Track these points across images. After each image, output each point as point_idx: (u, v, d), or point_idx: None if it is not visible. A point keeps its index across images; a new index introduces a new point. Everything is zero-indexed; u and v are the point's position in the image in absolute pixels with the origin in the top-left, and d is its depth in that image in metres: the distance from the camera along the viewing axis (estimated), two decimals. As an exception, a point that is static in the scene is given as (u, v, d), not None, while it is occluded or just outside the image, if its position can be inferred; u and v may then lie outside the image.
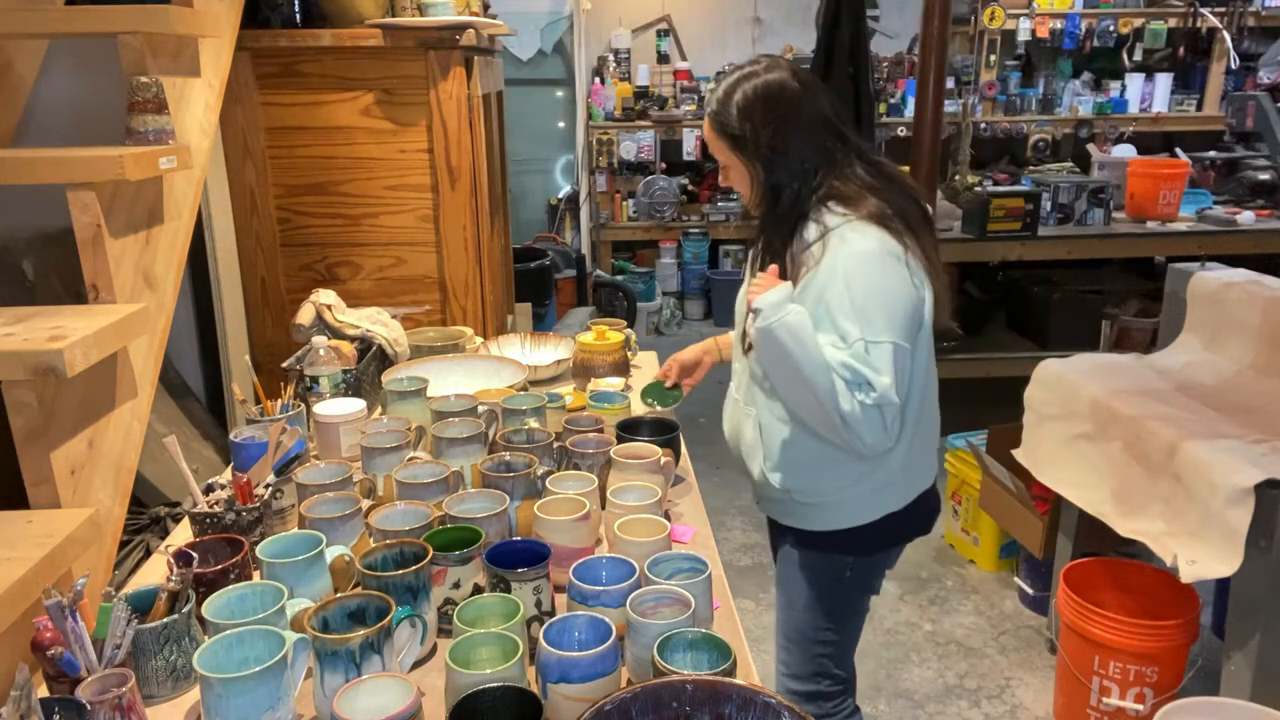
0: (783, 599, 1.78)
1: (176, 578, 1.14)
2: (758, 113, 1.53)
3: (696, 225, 6.25)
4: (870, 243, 1.48)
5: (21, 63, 1.94)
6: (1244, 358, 2.44)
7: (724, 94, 1.56)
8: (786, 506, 1.68)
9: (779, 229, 1.57)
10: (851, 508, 1.63)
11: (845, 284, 1.46)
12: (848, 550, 1.67)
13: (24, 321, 1.39)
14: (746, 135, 1.54)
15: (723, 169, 1.64)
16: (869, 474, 1.59)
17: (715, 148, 1.60)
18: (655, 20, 6.43)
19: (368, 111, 2.45)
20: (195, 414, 2.44)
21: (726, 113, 1.55)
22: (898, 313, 1.47)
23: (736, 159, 1.57)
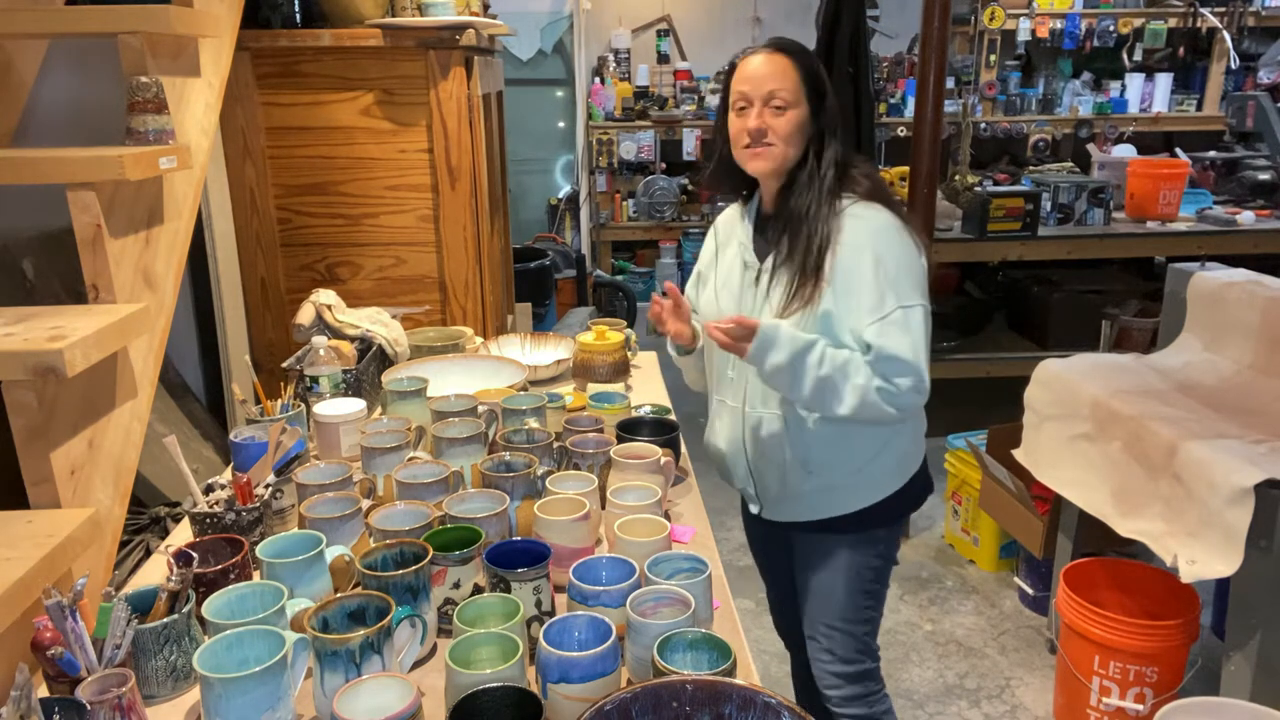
0: (819, 590, 1.77)
1: (176, 578, 1.14)
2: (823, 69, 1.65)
3: (696, 225, 6.25)
4: (885, 216, 1.59)
5: (21, 63, 1.94)
6: (1244, 358, 2.44)
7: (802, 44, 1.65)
8: (818, 498, 1.69)
9: (808, 191, 1.60)
10: (883, 479, 1.68)
11: (875, 257, 1.54)
12: (882, 523, 1.72)
13: (24, 321, 1.39)
14: (820, 77, 1.61)
15: (765, 119, 1.58)
16: (893, 437, 1.67)
17: (786, 81, 1.57)
18: (655, 20, 6.43)
19: (368, 111, 2.45)
20: (195, 414, 2.44)
21: (809, 54, 1.63)
22: (919, 278, 1.59)
23: (804, 99, 1.59)
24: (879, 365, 1.53)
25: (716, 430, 1.78)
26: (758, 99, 1.58)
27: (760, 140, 1.58)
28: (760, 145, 1.59)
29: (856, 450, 1.65)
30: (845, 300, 1.55)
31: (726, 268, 1.75)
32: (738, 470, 1.75)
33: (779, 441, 1.66)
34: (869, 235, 1.56)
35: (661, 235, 6.32)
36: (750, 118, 1.59)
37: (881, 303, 1.53)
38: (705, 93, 6.26)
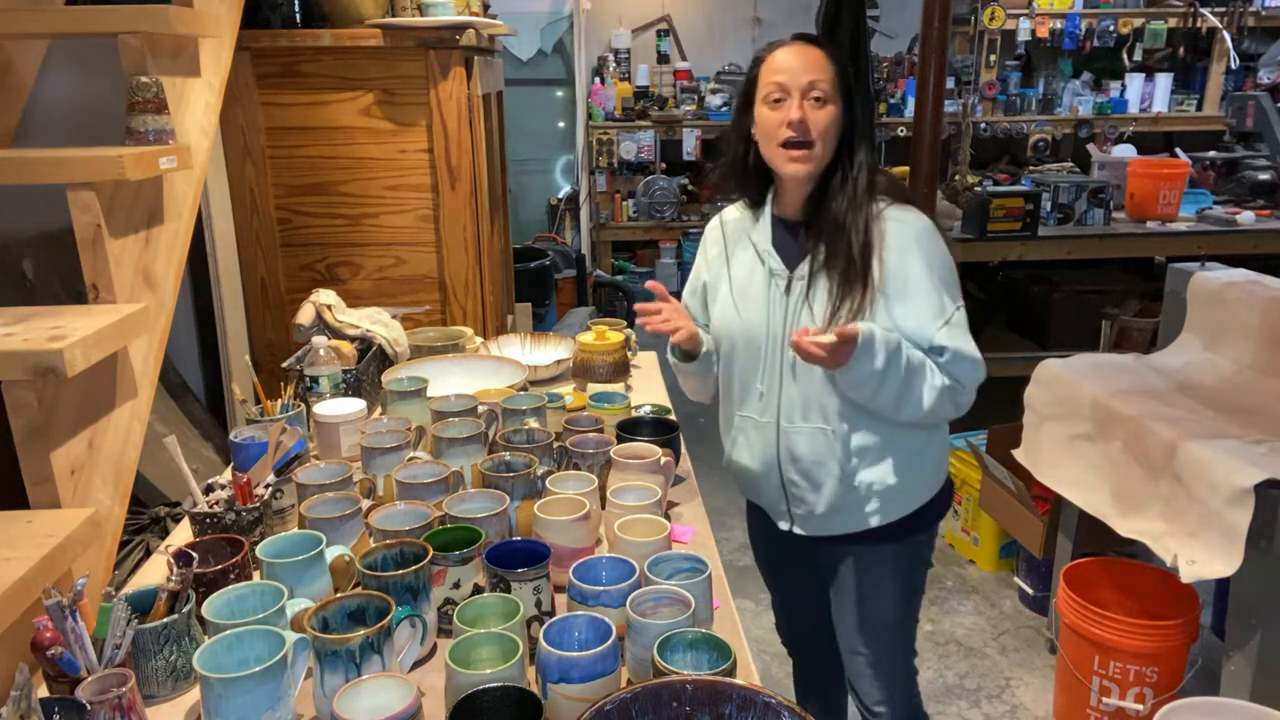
0: (862, 602, 1.71)
1: (176, 578, 1.14)
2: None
3: (696, 225, 6.24)
4: (922, 218, 1.57)
5: (21, 63, 1.94)
6: (1244, 358, 2.44)
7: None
8: (863, 510, 1.62)
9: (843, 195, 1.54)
10: (924, 482, 1.66)
11: (925, 260, 1.53)
12: (923, 527, 1.69)
13: (24, 321, 1.39)
14: (849, 74, 1.56)
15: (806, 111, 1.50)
16: (931, 439, 1.65)
17: (824, 73, 1.51)
18: (655, 20, 6.43)
19: (368, 111, 2.45)
20: (195, 414, 2.44)
21: (838, 50, 1.58)
22: (957, 279, 1.60)
23: (838, 95, 1.53)
24: (952, 366, 1.51)
25: (741, 447, 1.69)
26: (796, 89, 1.50)
27: (804, 136, 1.50)
28: (801, 147, 1.51)
29: (901, 457, 1.60)
30: (900, 305, 1.51)
31: (743, 276, 1.65)
32: (768, 488, 1.68)
33: (822, 456, 1.59)
34: (912, 239, 1.53)
35: (661, 235, 6.32)
36: (790, 109, 1.50)
37: (943, 306, 1.52)
38: (705, 93, 6.26)
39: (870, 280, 1.51)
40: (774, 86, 1.52)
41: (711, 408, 1.79)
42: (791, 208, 1.62)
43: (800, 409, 1.59)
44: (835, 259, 1.53)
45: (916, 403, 1.50)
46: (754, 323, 1.62)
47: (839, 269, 1.52)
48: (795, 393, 1.59)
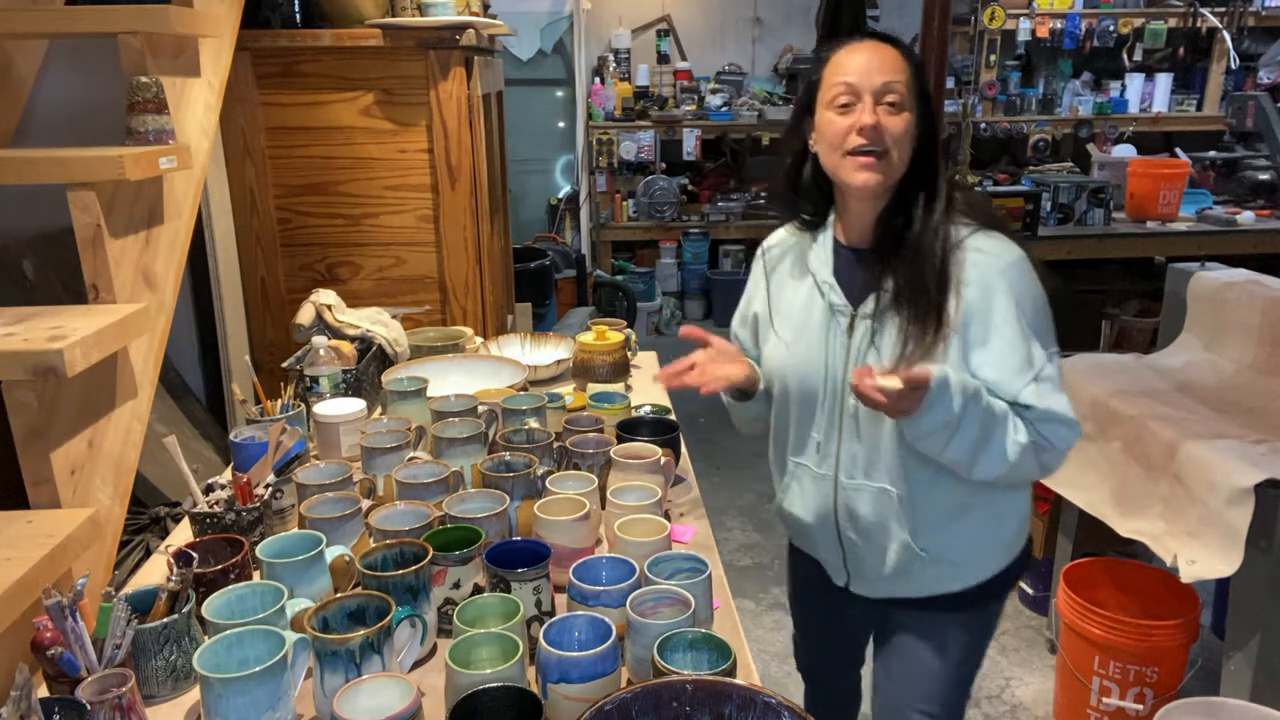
0: (918, 670, 1.53)
1: (176, 578, 1.14)
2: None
3: (696, 225, 6.25)
4: (1012, 249, 1.37)
5: (21, 63, 1.94)
6: (1244, 358, 2.44)
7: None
8: (931, 576, 1.46)
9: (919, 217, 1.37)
10: (1001, 550, 1.49)
11: (1013, 301, 1.33)
12: (996, 595, 1.52)
13: (24, 321, 1.39)
14: (925, 79, 1.40)
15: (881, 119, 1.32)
16: (1013, 503, 1.48)
17: (900, 75, 1.34)
18: (655, 20, 6.43)
19: (368, 111, 2.45)
20: (195, 414, 2.44)
21: (919, 61, 1.41)
22: (1051, 320, 1.42)
23: (914, 102, 1.35)
24: (1042, 427, 1.34)
25: (794, 496, 1.53)
26: (868, 92, 1.32)
27: (876, 143, 1.31)
28: (870, 154, 1.32)
29: (976, 523, 1.43)
30: (980, 352, 1.33)
31: (798, 310, 1.47)
32: (823, 541, 1.52)
33: (886, 518, 1.42)
34: (999, 273, 1.33)
35: (661, 235, 6.32)
36: (862, 113, 1.31)
37: (1031, 357, 1.34)
38: (705, 93, 6.26)
39: (945, 321, 1.32)
40: (841, 88, 1.34)
41: (711, 408, 1.77)
42: (857, 232, 1.43)
43: (862, 465, 1.42)
44: (907, 294, 1.34)
45: (996, 459, 1.32)
46: (810, 364, 1.44)
47: (910, 306, 1.34)
48: (857, 446, 1.41)
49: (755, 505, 3.66)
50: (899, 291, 1.35)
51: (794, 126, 1.45)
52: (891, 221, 1.38)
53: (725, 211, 6.19)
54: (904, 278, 1.35)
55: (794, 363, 1.46)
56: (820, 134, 1.38)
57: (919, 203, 1.37)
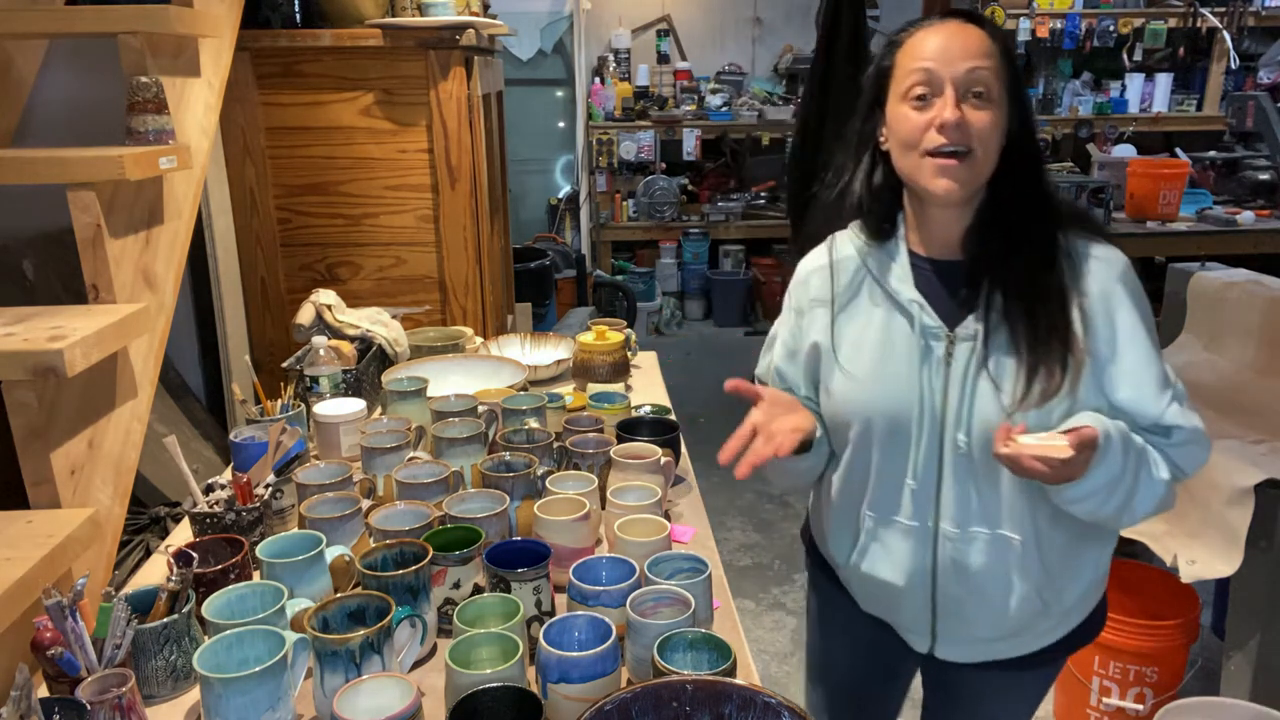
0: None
1: (176, 578, 1.14)
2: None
3: (696, 225, 6.25)
4: (1122, 255, 1.23)
5: (21, 63, 1.94)
6: (1244, 358, 2.44)
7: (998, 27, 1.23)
8: (1039, 629, 1.29)
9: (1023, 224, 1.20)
10: (1100, 589, 1.34)
11: (1138, 311, 1.19)
12: (1082, 642, 1.35)
13: (24, 321, 1.39)
14: (1018, 64, 1.21)
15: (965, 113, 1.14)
16: (1114, 536, 1.32)
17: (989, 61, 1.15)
18: (655, 20, 6.43)
19: (368, 111, 2.45)
20: (195, 414, 2.44)
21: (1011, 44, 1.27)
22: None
23: (1005, 92, 1.17)
24: (1180, 452, 1.19)
25: (875, 557, 1.30)
26: (950, 81, 1.14)
27: (960, 141, 1.13)
28: (953, 155, 1.14)
29: (1090, 559, 1.27)
30: (1112, 372, 1.18)
31: (875, 336, 1.25)
32: (910, 605, 1.30)
33: (1005, 569, 1.22)
34: (1117, 280, 1.19)
35: (661, 235, 6.32)
36: (943, 107, 1.13)
37: (1165, 372, 1.20)
38: (705, 93, 6.26)
39: (1072, 340, 1.15)
40: (918, 77, 1.15)
41: (711, 408, 1.77)
42: (939, 242, 1.24)
43: (977, 511, 1.22)
44: (1021, 311, 1.17)
45: (1142, 506, 1.16)
46: (899, 401, 1.23)
47: (1025, 325, 1.16)
48: (968, 490, 1.22)
49: (755, 505, 3.66)
50: (1010, 308, 1.17)
51: (861, 123, 1.26)
52: (988, 229, 1.21)
53: (725, 211, 6.19)
54: (1015, 292, 1.17)
55: (878, 400, 1.23)
56: (892, 131, 1.20)
57: (1018, 205, 1.20)
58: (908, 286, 1.23)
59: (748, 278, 6.29)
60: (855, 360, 1.26)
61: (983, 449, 1.18)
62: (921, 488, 1.24)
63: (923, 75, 1.15)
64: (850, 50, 3.83)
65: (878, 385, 1.24)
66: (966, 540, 1.23)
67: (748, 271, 6.31)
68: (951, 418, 1.20)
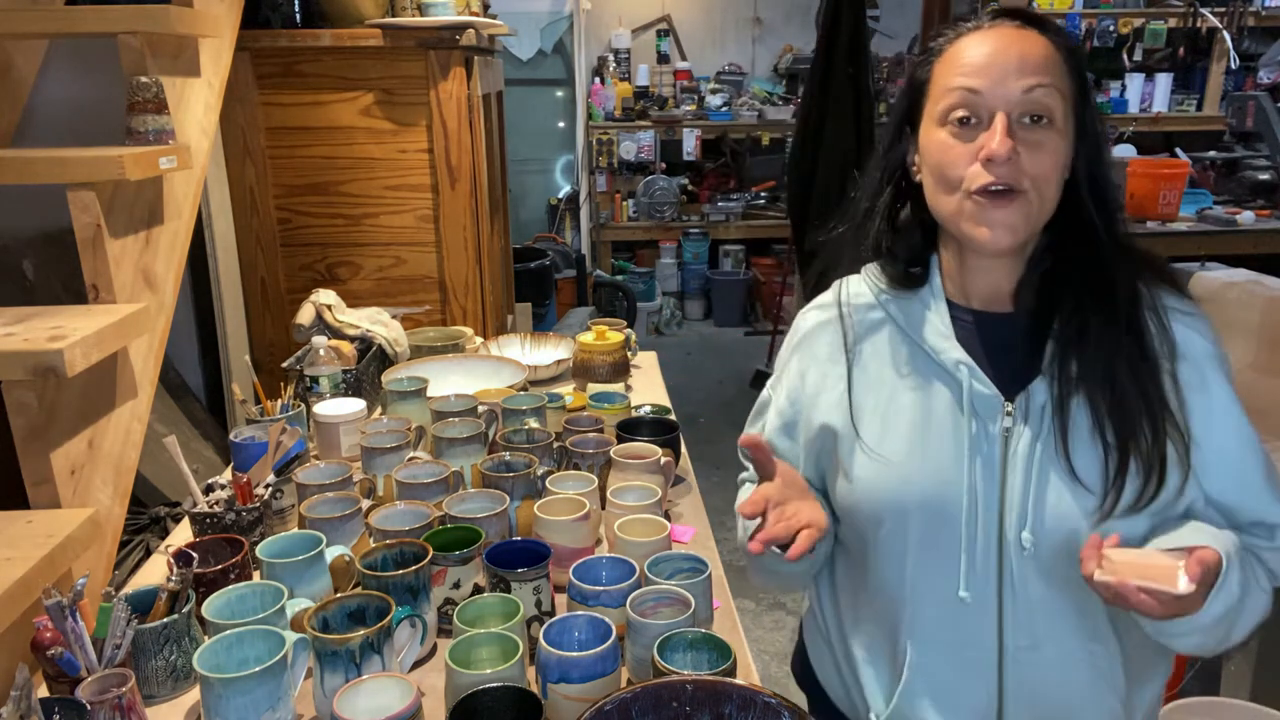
0: None
1: (176, 578, 1.14)
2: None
3: (696, 225, 6.25)
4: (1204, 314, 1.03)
5: (21, 63, 1.94)
6: (1244, 358, 2.44)
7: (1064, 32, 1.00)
8: None
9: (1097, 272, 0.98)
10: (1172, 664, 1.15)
11: (1229, 382, 1.01)
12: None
13: (24, 321, 1.39)
14: (1086, 73, 0.99)
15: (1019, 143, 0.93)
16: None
17: (1050, 75, 0.94)
18: (655, 20, 6.43)
19: (368, 111, 2.45)
20: (195, 414, 2.44)
21: (1079, 51, 1.00)
22: None
23: (1071, 111, 0.96)
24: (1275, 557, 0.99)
25: (924, 697, 1.03)
26: (1003, 102, 0.92)
27: (1009, 179, 0.92)
28: (1001, 194, 0.93)
29: (1166, 668, 1.09)
30: (1203, 455, 0.97)
31: (914, 408, 1.03)
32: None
33: (1088, 686, 1.01)
34: (1212, 346, 1.00)
35: (661, 235, 6.33)
36: (990, 136, 0.92)
37: (1268, 460, 1.00)
38: (705, 93, 6.27)
39: (1170, 418, 0.95)
40: (959, 98, 0.95)
41: (711, 408, 1.76)
42: (985, 291, 1.03)
43: (1050, 623, 0.99)
44: (1098, 376, 0.95)
45: (1242, 630, 0.96)
46: (943, 490, 0.99)
47: (1108, 395, 0.95)
48: (1038, 599, 0.98)
49: None
50: (1087, 373, 0.95)
51: (889, 147, 1.06)
52: (1048, 280, 1.00)
53: (725, 211, 6.19)
54: (1091, 353, 0.96)
55: (915, 491, 1.00)
56: (926, 160, 0.99)
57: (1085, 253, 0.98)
58: (951, 344, 1.00)
59: (748, 278, 6.29)
60: (884, 440, 1.03)
61: (1055, 548, 0.96)
62: (978, 600, 0.99)
63: (965, 96, 0.94)
64: (850, 50, 3.84)
65: (915, 471, 1.00)
66: (1040, 660, 0.99)
67: (748, 271, 6.32)
68: (1013, 512, 0.97)
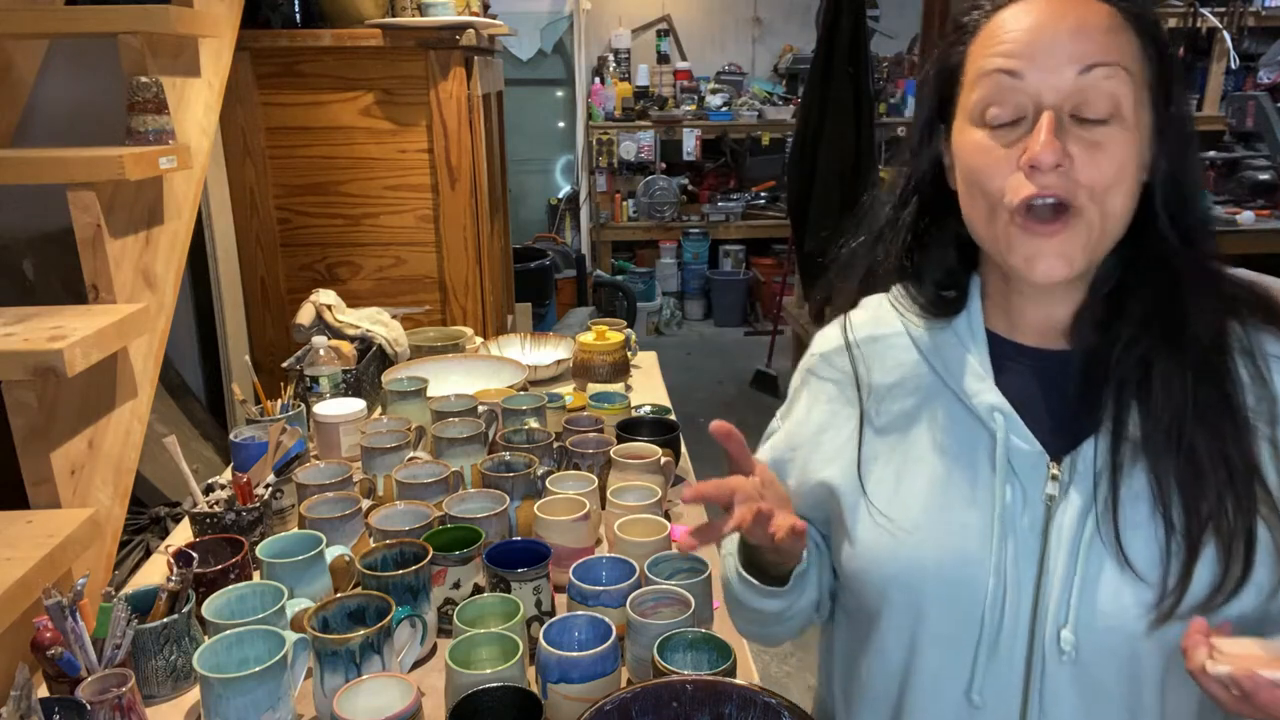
0: None
1: (176, 578, 1.14)
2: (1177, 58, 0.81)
3: (696, 225, 6.25)
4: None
5: (21, 63, 1.94)
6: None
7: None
8: None
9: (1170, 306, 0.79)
10: None
11: None
12: None
13: (24, 321, 1.39)
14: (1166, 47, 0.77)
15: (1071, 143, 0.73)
16: None
17: (1115, 51, 0.73)
18: (655, 20, 6.43)
19: (368, 111, 2.45)
20: (195, 414, 2.44)
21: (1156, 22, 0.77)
22: None
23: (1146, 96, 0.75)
24: None
25: None
26: (1051, 92, 0.73)
27: (1064, 192, 0.73)
28: (1053, 218, 0.73)
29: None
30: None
31: (935, 465, 0.84)
32: None
33: None
34: None
35: (661, 235, 6.32)
36: (1034, 137, 0.72)
37: None
38: (705, 93, 6.27)
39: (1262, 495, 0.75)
40: (995, 84, 0.75)
41: (711, 408, 1.76)
42: (1035, 325, 0.84)
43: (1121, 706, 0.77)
44: (1169, 438, 0.76)
45: None
46: (963, 569, 0.80)
47: (1182, 464, 0.75)
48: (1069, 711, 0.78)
49: (755, 505, 3.64)
50: (1155, 434, 0.76)
51: (916, 146, 0.86)
52: (1113, 313, 0.80)
53: (725, 211, 6.19)
54: (1162, 408, 0.76)
55: (928, 566, 0.81)
56: (959, 166, 0.80)
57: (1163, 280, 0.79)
58: (987, 388, 0.81)
59: (748, 278, 6.29)
60: (896, 501, 0.84)
61: (1102, 654, 0.76)
62: (995, 707, 0.79)
63: (1002, 83, 0.75)
64: (850, 50, 3.84)
65: (932, 543, 0.81)
66: None
67: (748, 271, 6.32)
68: (1051, 604, 0.77)
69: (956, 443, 0.83)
